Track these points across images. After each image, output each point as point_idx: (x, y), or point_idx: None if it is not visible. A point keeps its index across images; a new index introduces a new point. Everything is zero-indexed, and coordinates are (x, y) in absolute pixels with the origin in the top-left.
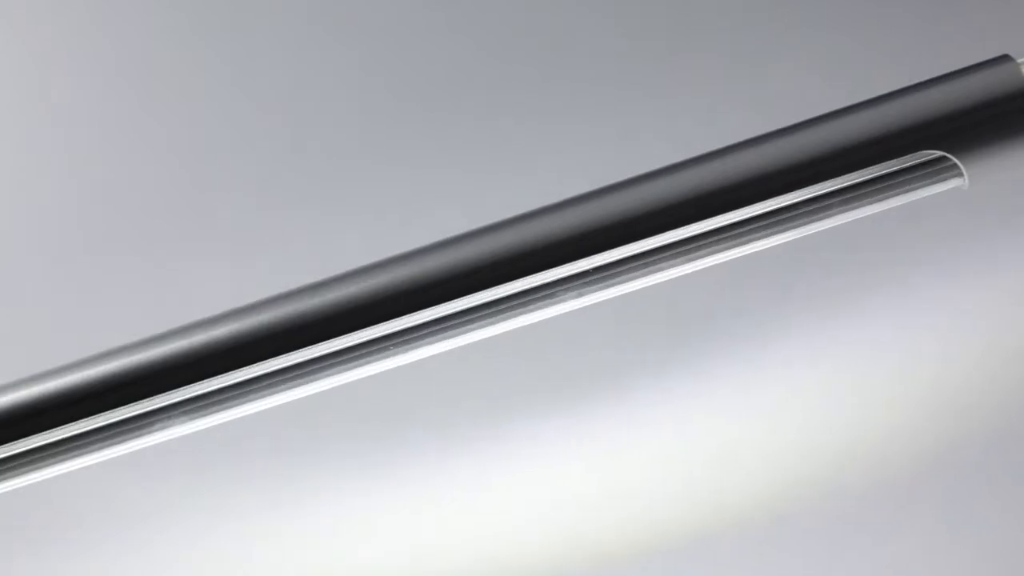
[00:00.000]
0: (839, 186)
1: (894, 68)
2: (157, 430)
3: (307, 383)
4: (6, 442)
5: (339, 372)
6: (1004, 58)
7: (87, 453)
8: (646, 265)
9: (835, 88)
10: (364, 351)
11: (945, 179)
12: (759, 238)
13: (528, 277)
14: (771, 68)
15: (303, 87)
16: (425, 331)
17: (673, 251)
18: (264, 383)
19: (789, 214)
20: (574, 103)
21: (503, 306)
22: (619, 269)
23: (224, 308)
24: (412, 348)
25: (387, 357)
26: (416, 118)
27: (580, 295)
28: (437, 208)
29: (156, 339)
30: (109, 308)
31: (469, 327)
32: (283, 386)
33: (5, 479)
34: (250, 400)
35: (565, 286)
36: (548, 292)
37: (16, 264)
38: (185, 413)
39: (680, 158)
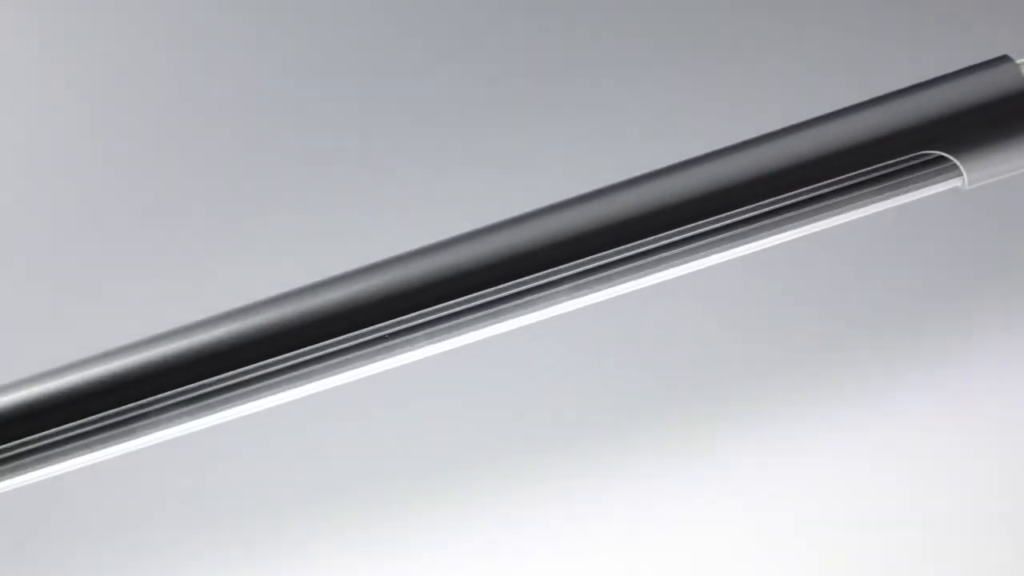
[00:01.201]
0: (839, 186)
1: (894, 68)
2: (156, 430)
3: (306, 383)
4: (6, 442)
5: (338, 372)
6: (1004, 58)
7: (87, 453)
8: (644, 264)
9: (835, 88)
10: (363, 351)
11: (944, 179)
12: (759, 238)
13: (524, 278)
14: (771, 68)
15: (303, 87)
16: (422, 332)
17: (672, 251)
18: (263, 383)
19: (790, 214)
20: (573, 103)
21: (499, 307)
22: (616, 268)
23: (223, 308)
24: (410, 349)
25: (386, 358)
26: (415, 119)
27: (575, 295)
28: (435, 209)
29: (156, 339)
30: (109, 309)
31: (465, 328)
32: (282, 386)
33: (5, 479)
34: (250, 400)
35: (560, 286)
36: (543, 293)
37: (16, 265)
38: (184, 408)
39: (680, 158)
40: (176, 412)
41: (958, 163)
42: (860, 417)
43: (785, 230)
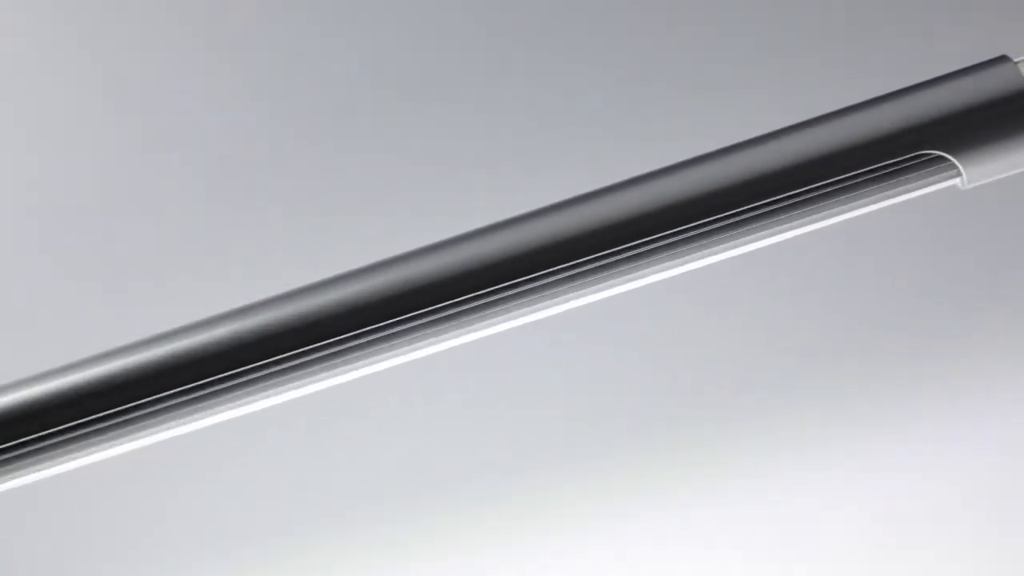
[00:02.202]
0: (838, 185)
1: (894, 68)
2: (156, 430)
3: (306, 383)
4: (6, 442)
5: (338, 372)
6: (1002, 58)
7: (87, 453)
8: (641, 262)
9: (834, 88)
10: (363, 351)
11: (943, 179)
12: (758, 238)
13: (521, 278)
14: (771, 68)
15: (303, 87)
16: (419, 332)
17: (671, 251)
18: (263, 383)
19: (788, 213)
20: (573, 103)
21: (497, 307)
22: (613, 266)
23: (223, 308)
24: (407, 349)
25: (385, 358)
26: (413, 120)
27: (572, 296)
28: (434, 209)
29: (156, 339)
30: (109, 308)
31: (463, 328)
32: (282, 386)
33: (5, 479)
34: (250, 400)
35: (558, 285)
36: (540, 293)
37: (18, 267)
38: (184, 408)
39: (680, 158)
40: (176, 412)
41: (956, 162)
42: (851, 422)
43: (784, 230)
